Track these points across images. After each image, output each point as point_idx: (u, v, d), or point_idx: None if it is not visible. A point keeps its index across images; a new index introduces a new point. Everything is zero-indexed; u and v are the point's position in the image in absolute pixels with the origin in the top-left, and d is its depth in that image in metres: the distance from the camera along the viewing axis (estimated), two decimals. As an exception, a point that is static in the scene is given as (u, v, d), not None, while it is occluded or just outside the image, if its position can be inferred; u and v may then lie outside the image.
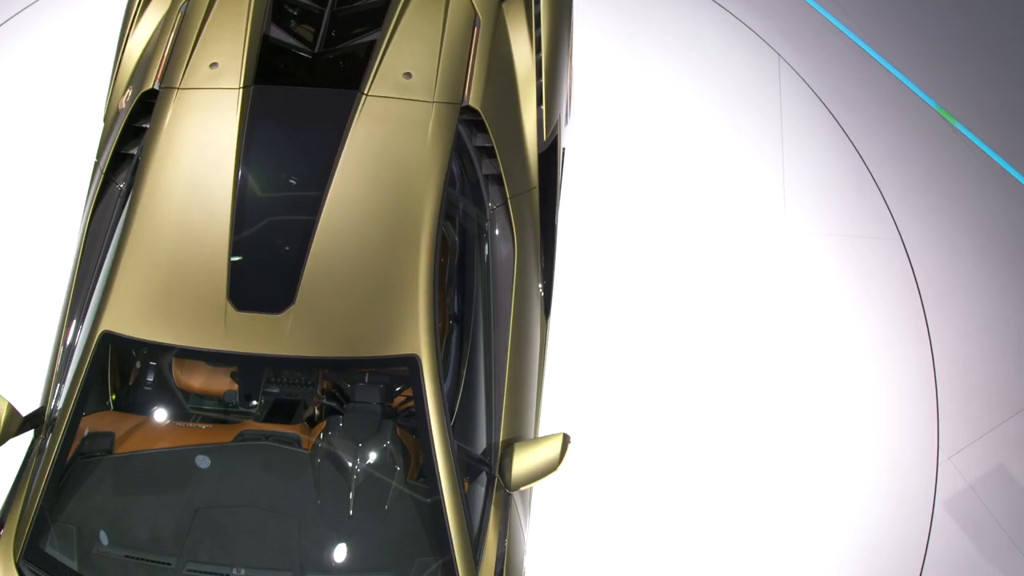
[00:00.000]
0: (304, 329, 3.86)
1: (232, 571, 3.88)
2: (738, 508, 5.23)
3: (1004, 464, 5.39)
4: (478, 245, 4.41)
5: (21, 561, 3.92)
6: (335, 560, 3.91)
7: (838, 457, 5.36)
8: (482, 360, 4.24)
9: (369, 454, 4.03)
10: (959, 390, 5.57)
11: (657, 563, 5.11)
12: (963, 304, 5.79)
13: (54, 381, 4.30)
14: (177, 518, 3.98)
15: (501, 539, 4.00)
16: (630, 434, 5.39)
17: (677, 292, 5.74)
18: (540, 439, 4.01)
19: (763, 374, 5.56)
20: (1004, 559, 5.16)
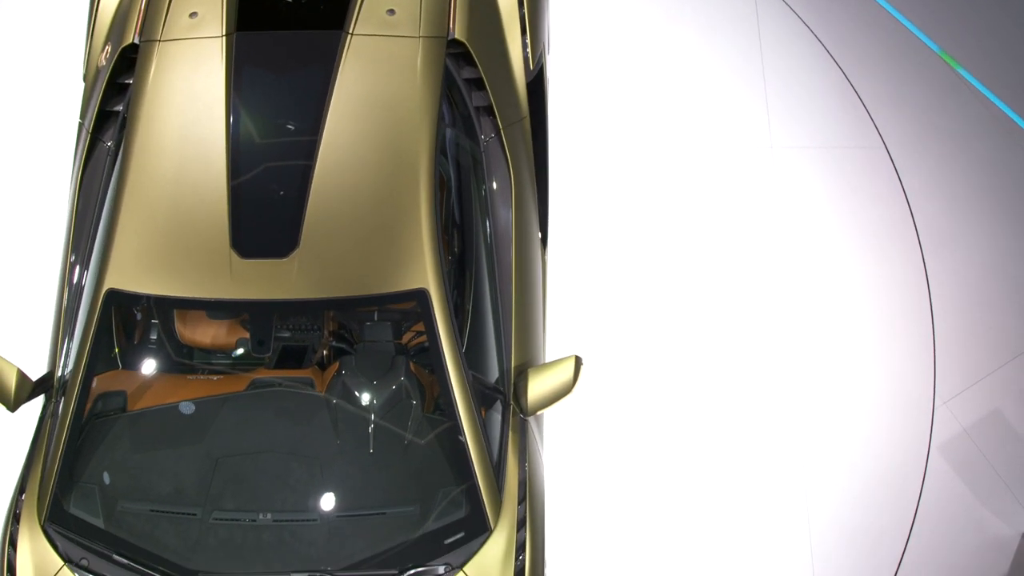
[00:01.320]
0: (311, 271, 3.87)
1: (258, 516, 3.93)
2: (734, 451, 5.29)
3: (999, 409, 5.43)
4: (474, 177, 4.42)
5: (46, 523, 3.95)
6: (360, 498, 3.96)
7: (833, 403, 5.40)
8: (487, 290, 4.27)
9: (384, 391, 4.06)
10: (956, 335, 5.59)
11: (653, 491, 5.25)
12: (962, 250, 5.78)
13: (60, 344, 4.29)
14: (198, 469, 4.00)
15: (521, 463, 4.06)
16: (627, 361, 5.46)
17: (667, 214, 5.77)
18: (552, 363, 4.06)
19: (758, 301, 5.60)
20: (998, 503, 5.23)
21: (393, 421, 4.05)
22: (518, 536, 3.93)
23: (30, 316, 5.32)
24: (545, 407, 4.04)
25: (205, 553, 3.88)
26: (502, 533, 3.92)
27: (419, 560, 3.85)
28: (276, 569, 3.84)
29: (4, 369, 4.03)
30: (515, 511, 3.96)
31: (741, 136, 5.98)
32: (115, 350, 4.20)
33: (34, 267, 5.55)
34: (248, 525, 3.91)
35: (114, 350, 4.19)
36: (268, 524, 3.91)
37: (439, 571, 3.86)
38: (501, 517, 3.93)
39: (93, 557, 3.89)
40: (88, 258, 4.31)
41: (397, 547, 3.87)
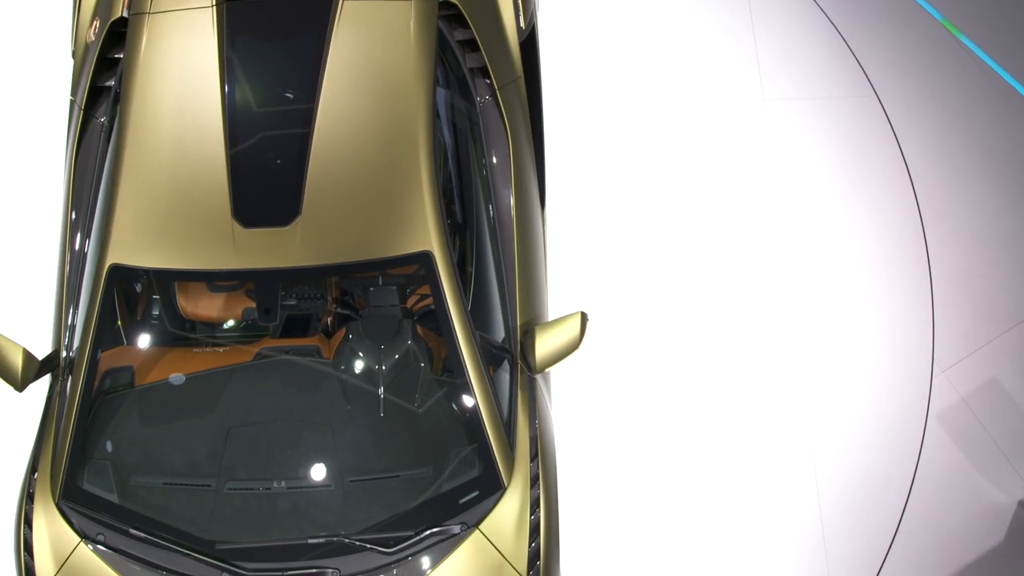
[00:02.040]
0: (314, 238, 3.87)
1: (273, 485, 3.95)
2: (732, 415, 5.33)
3: (997, 378, 5.45)
4: (472, 138, 4.42)
5: (61, 501, 3.96)
6: (372, 462, 3.98)
7: (831, 372, 5.42)
8: (490, 251, 4.27)
9: (392, 355, 4.07)
10: (955, 304, 5.59)
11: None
12: (961, 218, 5.77)
13: (64, 322, 4.28)
14: (210, 441, 4.02)
15: (531, 421, 4.08)
16: (627, 319, 5.48)
17: (661, 171, 5.77)
18: (558, 320, 4.07)
19: (755, 261, 5.61)
20: (995, 471, 5.26)
21: (402, 384, 4.07)
22: (532, 493, 3.96)
23: (29, 296, 5.31)
24: (553, 364, 4.06)
25: (221, 523, 3.90)
26: (516, 490, 3.95)
27: (434, 521, 3.88)
28: (292, 536, 3.86)
29: (9, 349, 4.02)
30: (528, 468, 3.99)
31: (732, 89, 5.98)
32: (120, 326, 4.19)
33: (30, 247, 5.53)
34: (263, 493, 3.93)
35: (119, 326, 4.18)
36: (282, 492, 3.94)
37: (455, 530, 3.89)
38: (514, 475, 3.96)
39: (109, 532, 3.91)
40: (88, 235, 4.29)
41: (412, 509, 3.90)
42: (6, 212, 5.67)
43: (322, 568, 3.83)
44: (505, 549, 3.90)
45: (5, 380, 4.04)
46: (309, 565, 3.83)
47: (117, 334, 4.17)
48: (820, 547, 5.11)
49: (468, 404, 3.94)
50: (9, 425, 5.18)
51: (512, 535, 3.91)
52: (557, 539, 3.99)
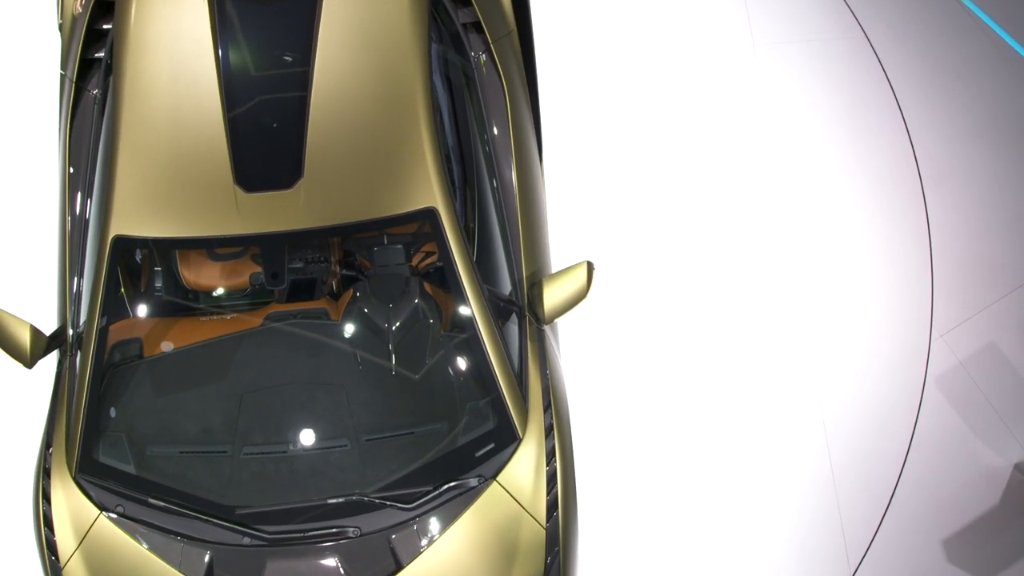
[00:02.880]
0: (317, 200, 3.86)
1: (289, 447, 3.96)
2: (731, 374, 5.36)
3: (995, 342, 5.46)
4: (468, 93, 4.41)
5: (78, 475, 3.96)
6: (387, 420, 4.00)
7: (828, 335, 5.44)
8: (492, 205, 4.28)
9: (401, 313, 4.08)
10: (954, 267, 5.59)
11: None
12: (961, 181, 5.76)
13: (68, 297, 4.27)
14: (223, 407, 4.02)
15: (543, 372, 4.10)
16: (628, 268, 5.51)
17: (655, 122, 5.77)
18: (565, 271, 4.08)
19: (751, 214, 5.62)
20: (992, 435, 5.29)
21: (413, 342, 4.08)
22: (547, 443, 3.99)
23: (29, 273, 5.30)
24: (561, 314, 4.07)
25: (240, 488, 3.92)
26: (531, 441, 3.98)
27: (452, 475, 3.91)
28: (311, 497, 3.89)
29: (17, 326, 4.02)
30: (541, 419, 4.02)
31: (722, 35, 5.95)
32: (127, 298, 4.19)
33: (27, 224, 5.50)
34: (280, 456, 3.95)
35: (126, 298, 4.18)
36: (299, 454, 3.96)
37: (472, 484, 3.92)
38: (528, 426, 3.99)
39: (128, 503, 3.93)
40: (87, 209, 4.27)
41: (429, 464, 3.92)
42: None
43: (343, 527, 3.86)
44: (523, 499, 3.93)
45: (14, 357, 4.04)
46: (329, 525, 3.86)
47: (124, 306, 4.17)
48: (817, 508, 5.16)
49: (479, 357, 3.96)
50: (15, 402, 5.19)
51: (530, 485, 3.94)
52: (574, 487, 4.02)
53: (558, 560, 3.92)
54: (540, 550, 3.91)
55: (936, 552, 5.10)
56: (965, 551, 5.10)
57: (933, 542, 5.12)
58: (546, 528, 3.92)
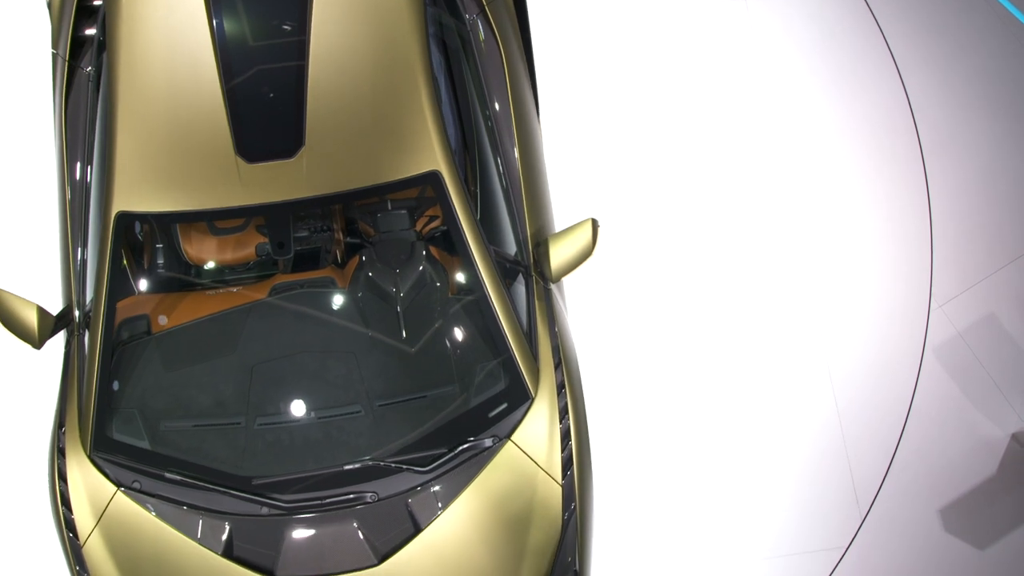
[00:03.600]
0: (320, 167, 3.85)
1: (302, 416, 3.98)
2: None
3: (994, 313, 5.45)
4: (465, 55, 4.39)
5: (92, 453, 3.97)
6: (399, 385, 4.01)
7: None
8: (493, 167, 4.27)
9: (408, 277, 4.08)
10: (954, 238, 5.58)
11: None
12: (962, 150, 5.72)
13: (73, 276, 4.26)
14: (235, 379, 4.03)
15: (551, 330, 4.12)
16: (626, 224, 5.51)
17: (648, 79, 5.74)
18: (569, 229, 4.09)
19: (748, 180, 5.60)
20: (990, 406, 5.30)
21: (421, 305, 4.09)
22: (559, 401, 4.01)
23: (28, 255, 5.28)
24: (568, 272, 4.08)
25: (255, 458, 3.94)
26: (543, 399, 4.00)
27: (466, 436, 3.93)
28: (327, 464, 3.90)
29: (23, 307, 4.01)
30: (553, 376, 4.04)
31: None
32: (133, 275, 4.18)
33: (24, 206, 5.48)
34: (293, 426, 3.96)
35: (132, 275, 4.17)
36: (313, 422, 3.97)
37: (487, 444, 3.94)
38: (540, 384, 4.01)
39: (145, 478, 3.94)
40: (88, 188, 4.25)
41: (443, 427, 3.94)
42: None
43: (360, 493, 3.88)
44: (538, 457, 3.96)
45: (23, 339, 4.03)
46: (346, 491, 3.88)
47: (130, 283, 4.16)
48: (814, 478, 5.19)
49: (489, 318, 3.97)
50: (20, 383, 5.20)
51: (544, 443, 3.97)
52: (588, 444, 4.05)
53: (575, 516, 3.95)
54: (557, 507, 3.94)
55: (933, 521, 5.13)
56: (962, 520, 5.13)
57: (930, 511, 5.15)
58: (562, 485, 3.95)
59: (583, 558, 3.99)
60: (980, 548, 5.11)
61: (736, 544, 5.09)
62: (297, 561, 3.86)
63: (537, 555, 3.91)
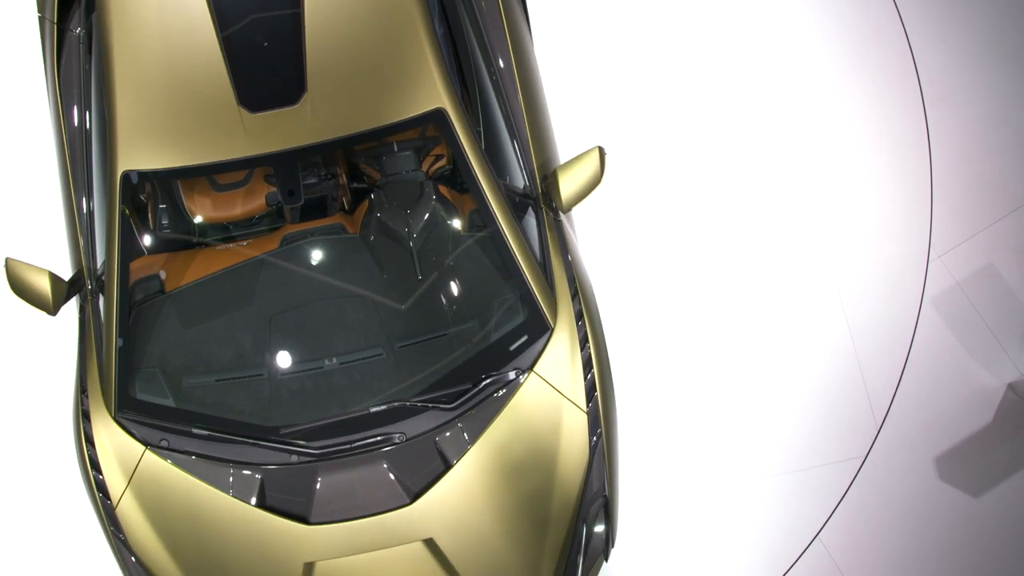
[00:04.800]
0: (325, 112, 3.83)
1: (324, 363, 3.99)
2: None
3: (993, 263, 5.45)
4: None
5: (118, 415, 3.98)
6: (418, 325, 4.03)
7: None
8: (495, 101, 4.25)
9: (419, 218, 4.08)
10: (954, 188, 5.55)
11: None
12: (963, 100, 5.67)
13: (81, 241, 4.23)
14: (254, 332, 4.04)
15: (565, 260, 4.14)
16: (632, 152, 5.51)
17: (650, 23, 5.70)
18: (577, 159, 4.09)
19: (751, 134, 5.58)
20: (988, 356, 5.33)
21: (435, 244, 4.09)
22: (578, 330, 4.04)
23: (28, 225, 5.26)
24: (579, 201, 4.09)
25: (281, 408, 3.96)
26: (563, 329, 4.02)
27: (489, 371, 3.96)
28: (353, 409, 3.93)
29: (35, 275, 3.98)
30: (570, 306, 4.06)
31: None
32: (143, 235, 4.16)
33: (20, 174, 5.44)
34: (316, 373, 3.98)
35: (142, 235, 4.15)
36: (335, 368, 3.99)
37: (510, 377, 3.97)
38: (559, 314, 4.03)
39: (172, 436, 3.95)
40: (89, 151, 4.21)
41: (465, 363, 3.97)
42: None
43: (388, 434, 3.91)
44: (562, 387, 3.99)
45: (37, 307, 4.01)
46: (374, 433, 3.91)
47: (141, 243, 4.14)
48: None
49: (503, 252, 3.98)
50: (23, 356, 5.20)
51: (567, 372, 4.00)
52: (609, 369, 4.09)
53: (601, 441, 4.00)
54: (583, 434, 3.98)
55: (928, 470, 5.19)
56: (957, 469, 5.19)
57: (926, 460, 5.21)
58: (587, 412, 3.99)
59: (611, 482, 4.05)
60: (975, 496, 5.18)
61: (745, 465, 5.19)
62: (330, 506, 3.90)
63: (567, 483, 3.97)
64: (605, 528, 4.10)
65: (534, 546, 3.95)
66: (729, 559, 5.09)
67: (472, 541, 3.90)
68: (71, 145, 4.33)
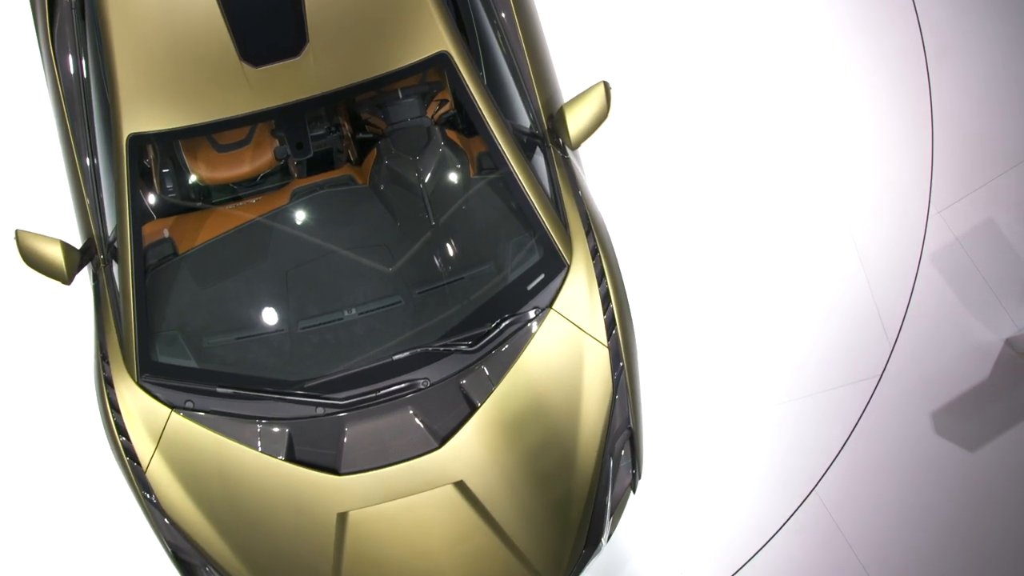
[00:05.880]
0: (328, 62, 3.81)
1: (344, 314, 4.00)
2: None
3: (993, 219, 5.44)
4: None
5: (140, 379, 3.98)
6: (436, 269, 4.03)
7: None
8: (496, 43, 4.23)
9: (428, 163, 4.08)
10: (955, 143, 5.53)
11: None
12: (966, 54, 5.63)
13: (89, 209, 4.22)
14: (271, 288, 4.04)
15: (576, 196, 4.14)
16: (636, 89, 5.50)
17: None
18: (582, 95, 4.08)
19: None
20: (985, 311, 5.34)
21: (446, 189, 4.09)
22: (594, 265, 4.06)
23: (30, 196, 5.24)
24: (587, 137, 4.08)
25: (303, 361, 3.97)
26: (579, 265, 4.04)
27: (508, 311, 3.97)
28: (375, 358, 3.94)
29: (47, 245, 3.97)
30: (585, 242, 4.07)
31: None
32: (152, 198, 4.15)
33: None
34: (337, 324, 3.99)
35: (151, 198, 4.14)
36: (355, 318, 3.99)
37: (530, 316, 3.99)
38: (574, 251, 4.04)
39: (196, 397, 3.96)
40: (90, 118, 4.19)
41: (484, 305, 3.98)
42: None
43: (412, 380, 3.93)
44: (582, 322, 4.01)
45: (52, 276, 4.01)
46: (399, 381, 3.93)
47: (151, 207, 4.14)
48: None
49: (515, 192, 3.98)
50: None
51: (586, 308, 4.02)
52: (627, 302, 4.11)
53: (624, 374, 4.03)
54: (606, 368, 4.01)
55: (925, 424, 5.23)
56: (953, 424, 5.22)
57: (923, 415, 5.24)
58: (608, 346, 4.01)
59: (636, 415, 4.09)
60: (971, 451, 5.23)
61: (758, 393, 5.25)
62: (359, 455, 3.93)
63: (593, 417, 4.00)
64: (632, 460, 4.14)
65: (563, 482, 3.99)
66: (742, 491, 5.18)
67: (502, 481, 3.94)
68: (71, 114, 4.30)
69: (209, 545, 3.95)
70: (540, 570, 3.99)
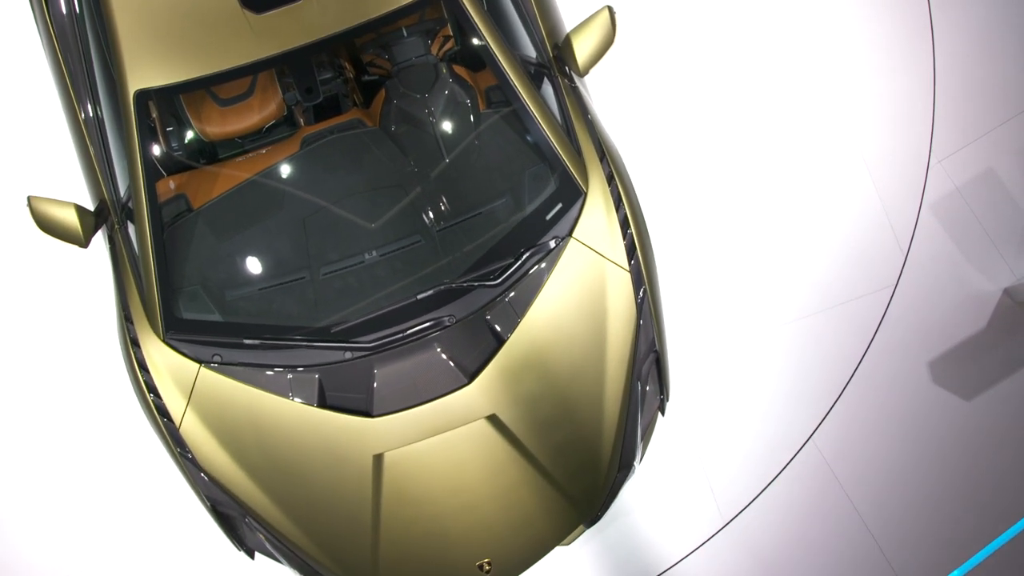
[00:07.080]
0: (332, 4, 3.77)
1: (364, 257, 3.99)
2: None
3: (993, 169, 5.41)
4: None
5: (167, 336, 3.98)
6: (454, 206, 4.03)
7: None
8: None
9: (437, 101, 4.06)
10: (956, 92, 5.49)
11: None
12: (969, 4, 5.58)
13: (99, 170, 4.19)
14: (289, 236, 4.03)
15: (587, 123, 4.13)
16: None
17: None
18: (587, 21, 4.06)
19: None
20: (983, 260, 5.33)
21: (457, 125, 4.07)
22: (611, 191, 4.05)
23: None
24: (595, 63, 4.06)
25: (328, 307, 3.97)
26: (596, 192, 4.04)
27: (529, 242, 3.97)
28: (399, 298, 3.95)
29: (61, 209, 3.95)
30: (600, 169, 4.07)
31: None
32: (162, 155, 4.12)
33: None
34: (359, 268, 3.99)
35: (161, 155, 4.11)
36: (376, 260, 3.99)
37: (551, 245, 3.99)
38: (590, 178, 4.04)
39: (224, 350, 3.96)
40: (93, 79, 4.14)
41: (504, 238, 3.98)
42: None
43: (437, 318, 3.94)
44: (602, 249, 4.02)
45: (68, 240, 3.99)
46: (424, 319, 3.93)
47: (162, 164, 4.11)
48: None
49: (528, 123, 3.96)
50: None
51: (605, 234, 4.02)
52: (645, 226, 4.12)
53: (647, 298, 4.05)
54: (629, 292, 4.02)
55: (922, 373, 5.24)
56: (950, 373, 5.24)
57: (920, 364, 5.25)
58: (629, 271, 4.02)
59: (660, 338, 4.11)
60: (967, 400, 5.24)
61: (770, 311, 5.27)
62: (391, 396, 3.94)
63: (619, 342, 4.02)
64: (659, 383, 4.17)
65: (593, 409, 4.02)
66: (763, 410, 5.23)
67: (533, 412, 3.96)
68: (71, 74, 4.25)
69: (247, 496, 3.98)
70: (576, 497, 4.03)
